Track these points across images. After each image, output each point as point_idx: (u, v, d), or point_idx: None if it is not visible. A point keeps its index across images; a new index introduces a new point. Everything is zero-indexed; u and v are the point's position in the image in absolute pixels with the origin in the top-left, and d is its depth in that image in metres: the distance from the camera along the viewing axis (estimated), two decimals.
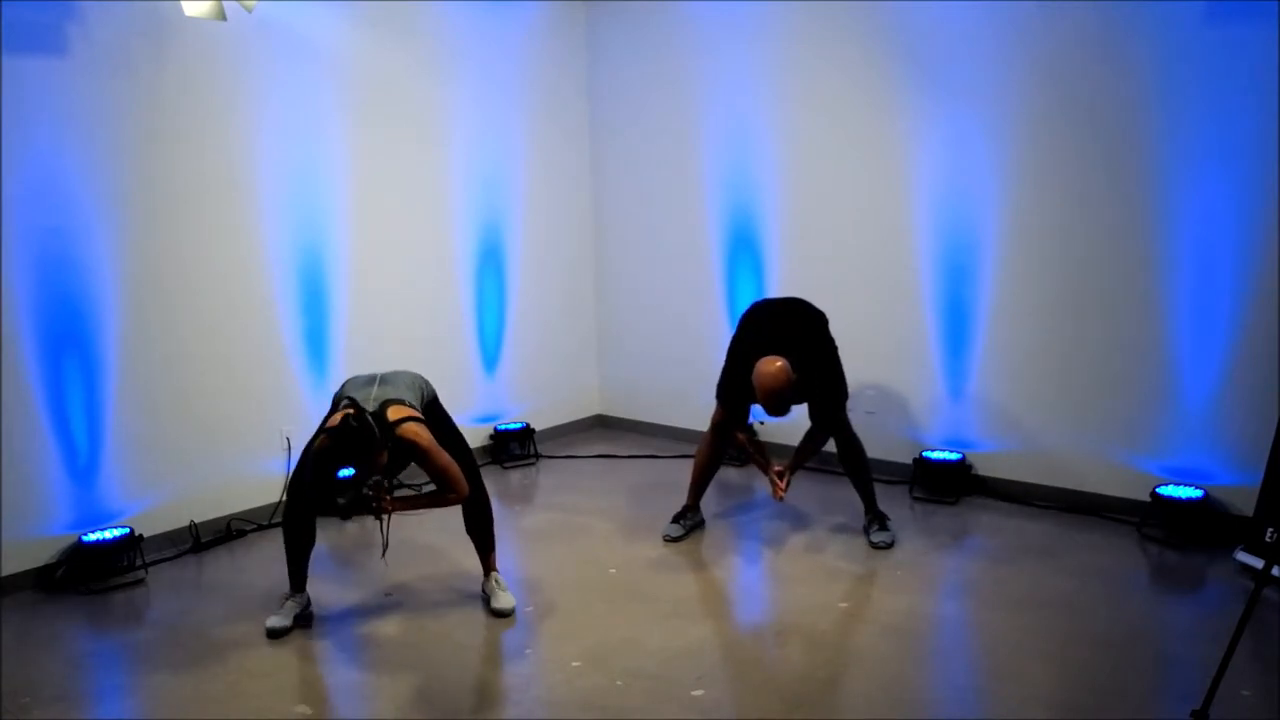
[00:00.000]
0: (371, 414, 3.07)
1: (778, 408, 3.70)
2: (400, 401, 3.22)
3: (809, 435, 4.01)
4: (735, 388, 3.89)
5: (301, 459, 3.32)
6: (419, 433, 3.16)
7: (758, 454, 4.07)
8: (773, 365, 3.65)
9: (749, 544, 4.08)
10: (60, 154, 3.73)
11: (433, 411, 3.39)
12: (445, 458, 3.20)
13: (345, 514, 3.21)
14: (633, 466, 5.22)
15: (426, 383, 3.49)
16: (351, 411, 3.05)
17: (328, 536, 3.49)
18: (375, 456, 3.04)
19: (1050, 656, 3.00)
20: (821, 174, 4.90)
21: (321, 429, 3.22)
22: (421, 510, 3.26)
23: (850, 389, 4.01)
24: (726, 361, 3.97)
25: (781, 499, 3.97)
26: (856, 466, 4.03)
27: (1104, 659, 2.98)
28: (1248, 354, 3.82)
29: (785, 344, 3.74)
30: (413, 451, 3.15)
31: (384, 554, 3.47)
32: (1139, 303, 4.05)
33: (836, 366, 3.92)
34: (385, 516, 3.22)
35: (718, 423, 4.06)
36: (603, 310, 5.98)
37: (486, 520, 3.49)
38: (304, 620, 3.37)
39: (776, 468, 3.97)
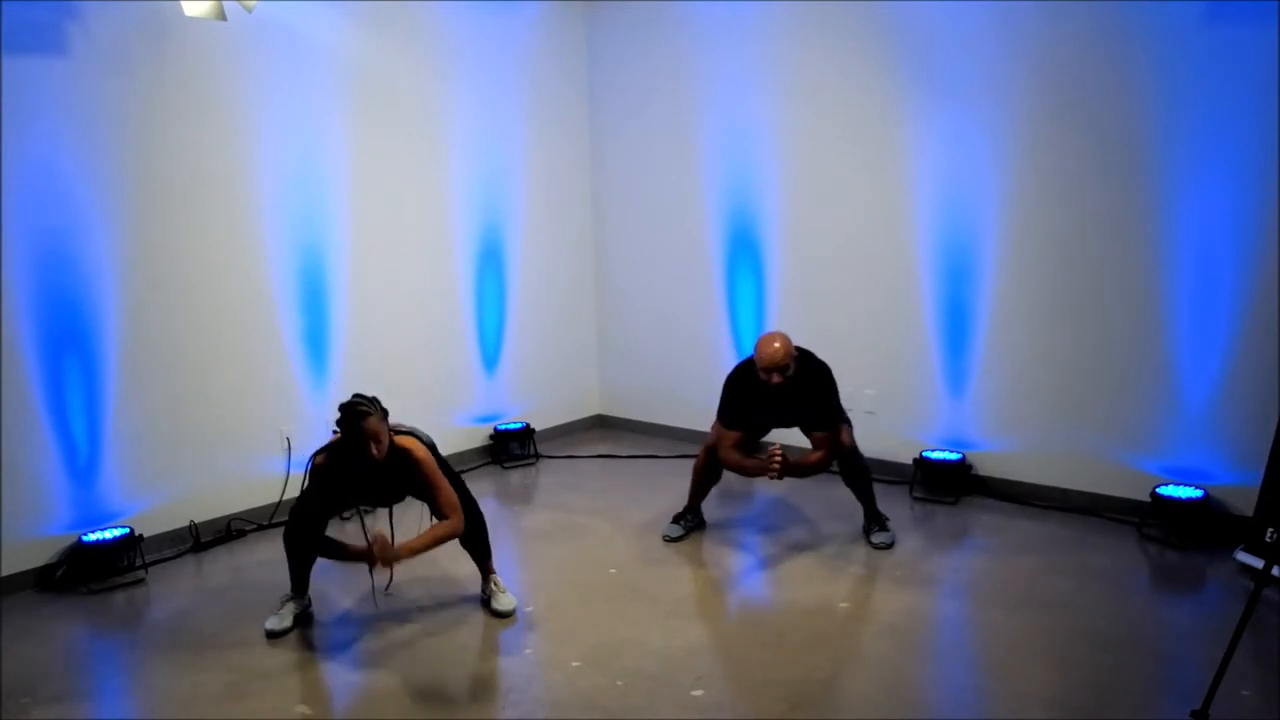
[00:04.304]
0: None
1: (773, 367, 3.67)
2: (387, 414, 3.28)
3: (815, 449, 3.92)
4: (734, 413, 3.91)
5: (304, 483, 3.31)
6: (416, 445, 3.24)
7: (750, 457, 3.99)
8: (774, 334, 3.73)
9: (749, 544, 4.08)
10: (60, 154, 3.73)
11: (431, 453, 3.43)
12: (441, 477, 3.26)
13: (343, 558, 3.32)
14: (633, 466, 5.22)
15: (428, 436, 3.49)
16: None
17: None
18: (373, 428, 3.06)
19: (1050, 656, 3.00)
20: (822, 174, 4.90)
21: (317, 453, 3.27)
22: (425, 549, 3.24)
23: (851, 389, 4.00)
24: (724, 392, 3.96)
25: (777, 469, 3.72)
26: (859, 481, 4.00)
27: (1104, 659, 2.98)
28: (1248, 354, 3.82)
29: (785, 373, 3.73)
30: (407, 460, 3.19)
31: (387, 588, 3.51)
32: (1139, 303, 4.05)
33: (836, 397, 3.89)
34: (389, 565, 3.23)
35: (709, 446, 4.02)
36: (603, 310, 5.98)
37: (483, 541, 3.49)
38: (304, 620, 3.37)
39: (775, 448, 3.78)
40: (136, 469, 4.03)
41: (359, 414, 3.06)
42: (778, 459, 3.72)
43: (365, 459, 3.09)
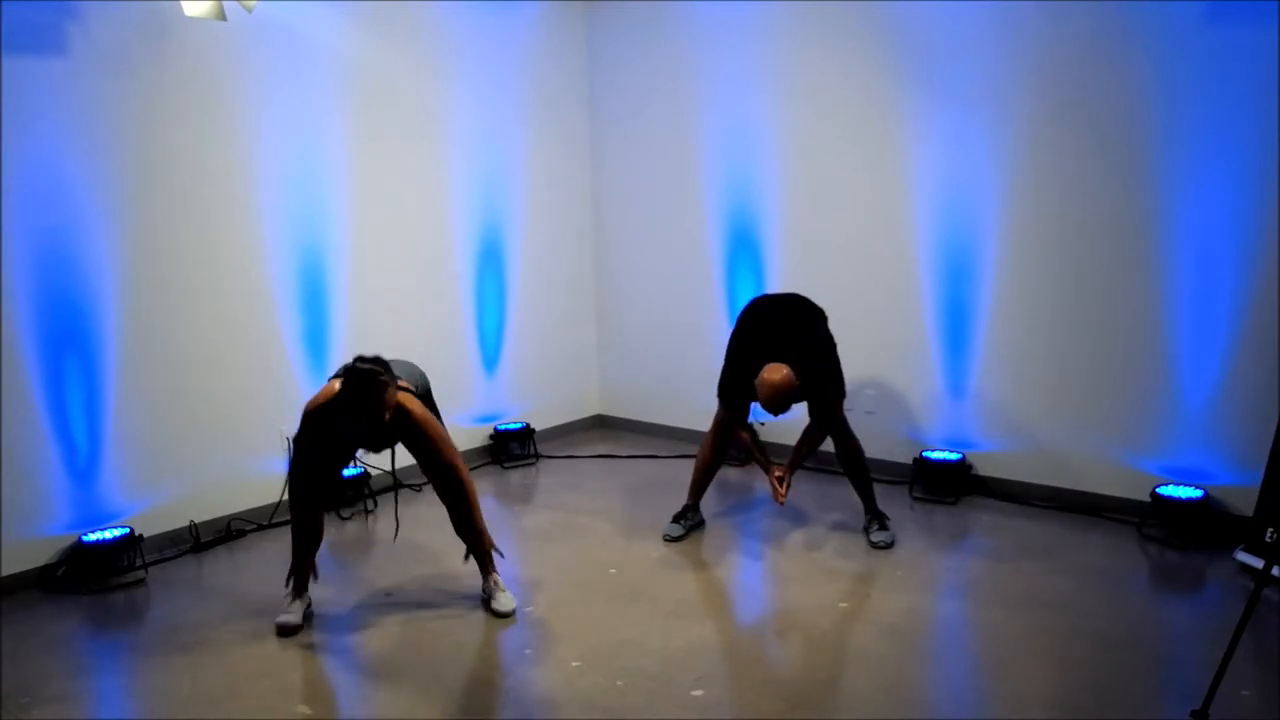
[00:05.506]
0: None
1: (779, 410, 3.73)
2: (398, 378, 3.28)
3: (807, 432, 4.01)
4: (736, 385, 3.90)
5: (300, 436, 3.29)
6: (413, 403, 3.28)
7: (759, 453, 4.07)
8: (777, 373, 3.65)
9: (749, 544, 4.08)
10: (60, 154, 3.73)
11: (424, 401, 3.45)
12: (438, 428, 3.32)
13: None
14: (633, 466, 5.22)
15: (423, 375, 3.59)
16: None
17: (328, 535, 3.49)
18: (391, 399, 3.07)
19: (1050, 656, 3.00)
20: (822, 174, 4.90)
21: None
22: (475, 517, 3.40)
23: (850, 389, 4.01)
24: (726, 359, 3.97)
25: (782, 504, 3.97)
26: (855, 467, 4.04)
27: (1104, 659, 2.98)
28: (1248, 354, 3.82)
29: (784, 340, 3.75)
30: (406, 420, 3.23)
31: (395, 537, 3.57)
32: (1139, 302, 4.05)
33: (835, 364, 3.93)
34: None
35: (720, 422, 4.06)
36: (603, 310, 5.98)
37: (471, 505, 3.44)
38: (304, 619, 3.37)
39: (777, 472, 3.94)
40: (136, 469, 4.03)
41: (379, 385, 3.02)
42: (782, 496, 3.91)
43: (375, 424, 3.07)
